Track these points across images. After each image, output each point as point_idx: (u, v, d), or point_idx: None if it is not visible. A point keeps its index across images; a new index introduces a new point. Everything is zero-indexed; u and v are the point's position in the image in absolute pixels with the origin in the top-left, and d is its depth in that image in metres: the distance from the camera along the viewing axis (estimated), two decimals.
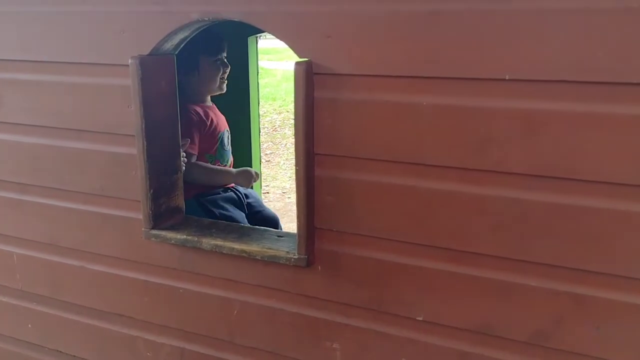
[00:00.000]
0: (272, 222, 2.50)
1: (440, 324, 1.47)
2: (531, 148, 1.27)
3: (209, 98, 2.38)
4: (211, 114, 2.31)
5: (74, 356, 2.09)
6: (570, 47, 1.19)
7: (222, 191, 2.36)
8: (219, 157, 2.36)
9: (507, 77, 1.26)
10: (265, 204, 2.64)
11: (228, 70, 2.36)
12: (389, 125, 1.39)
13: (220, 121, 2.38)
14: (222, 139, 2.36)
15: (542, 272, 1.33)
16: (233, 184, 2.42)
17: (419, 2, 1.30)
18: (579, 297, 1.31)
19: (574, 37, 1.19)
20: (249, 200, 2.48)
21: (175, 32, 1.59)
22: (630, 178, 1.21)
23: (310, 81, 1.43)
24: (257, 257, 1.60)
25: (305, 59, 1.43)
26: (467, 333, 1.45)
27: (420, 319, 1.49)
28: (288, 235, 1.71)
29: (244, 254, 1.61)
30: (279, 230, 2.54)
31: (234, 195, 2.40)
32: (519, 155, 1.28)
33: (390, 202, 1.44)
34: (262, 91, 3.41)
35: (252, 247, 1.61)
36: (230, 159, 2.46)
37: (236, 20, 1.50)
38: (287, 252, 1.57)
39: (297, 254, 1.54)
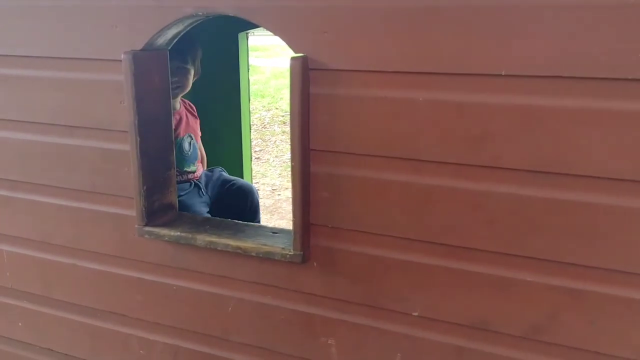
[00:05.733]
0: (247, 191, 2.52)
1: (436, 319, 1.47)
2: (527, 144, 1.27)
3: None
4: None
5: (66, 354, 2.07)
6: (566, 43, 1.20)
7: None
8: (178, 163, 2.33)
9: (503, 73, 1.26)
10: None
11: (177, 80, 2.21)
12: (385, 121, 1.39)
13: (180, 127, 2.34)
14: (180, 144, 2.33)
15: (537, 267, 1.33)
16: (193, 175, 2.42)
17: None
18: (574, 291, 1.32)
19: (569, 33, 1.19)
20: (221, 176, 2.50)
21: (168, 27, 1.57)
22: (625, 173, 1.22)
23: (306, 77, 1.43)
24: (252, 254, 1.59)
25: (301, 54, 1.42)
26: (462, 328, 1.45)
27: (416, 314, 1.49)
28: (283, 231, 1.70)
29: (238, 251, 1.60)
30: (265, 220, 2.57)
31: (188, 185, 2.40)
32: (515, 151, 1.29)
33: (386, 198, 1.44)
34: (251, 88, 3.40)
35: (247, 244, 1.60)
36: (196, 165, 2.44)
37: (231, 14, 1.49)
38: (283, 248, 1.56)
39: (293, 250, 1.54)
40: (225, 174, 2.63)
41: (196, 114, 2.54)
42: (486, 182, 1.34)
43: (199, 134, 2.52)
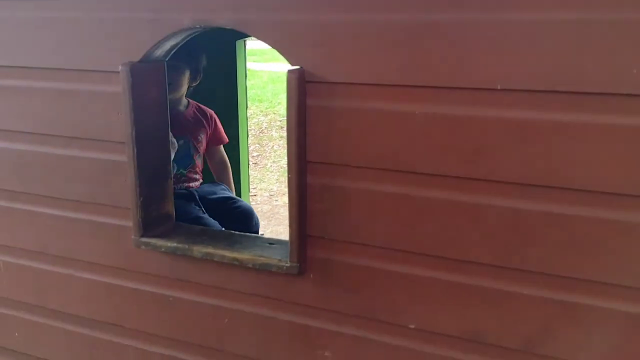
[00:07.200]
0: (247, 215, 2.49)
1: (432, 331, 1.48)
2: (523, 157, 1.28)
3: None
4: None
5: None
6: (561, 58, 1.21)
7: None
8: None
9: (498, 87, 1.27)
10: (252, 206, 2.64)
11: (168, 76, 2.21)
12: (381, 133, 1.40)
13: (174, 128, 2.30)
14: None
15: (533, 280, 1.34)
16: (187, 184, 2.40)
17: (412, 12, 1.30)
18: (569, 304, 1.32)
19: (564, 48, 1.20)
20: (219, 195, 2.48)
21: (166, 39, 1.58)
22: (620, 187, 1.23)
23: (302, 89, 1.43)
24: (248, 265, 1.59)
25: (298, 67, 1.43)
26: (458, 341, 1.46)
27: (413, 326, 1.49)
28: (280, 242, 1.71)
29: (235, 262, 1.61)
30: (258, 226, 2.55)
31: (184, 192, 2.38)
32: (511, 164, 1.30)
33: (382, 210, 1.45)
34: (249, 93, 3.40)
35: (244, 255, 1.60)
36: (187, 170, 2.42)
37: (228, 27, 1.49)
38: (279, 260, 1.57)
39: (289, 261, 1.54)
40: (228, 192, 2.60)
41: (207, 124, 2.51)
42: (482, 195, 1.35)
43: (202, 143, 2.49)
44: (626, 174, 1.22)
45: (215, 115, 2.58)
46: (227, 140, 2.67)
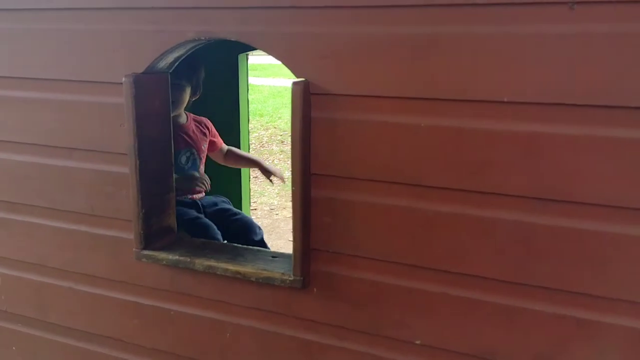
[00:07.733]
0: (247, 227, 2.46)
1: (439, 348, 1.45)
2: (530, 170, 1.27)
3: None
4: None
5: None
6: (568, 71, 1.20)
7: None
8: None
9: (505, 100, 1.26)
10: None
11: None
12: (386, 145, 1.39)
13: (181, 140, 2.31)
14: (178, 157, 2.30)
15: (544, 295, 1.31)
16: (191, 196, 2.40)
17: (417, 25, 1.30)
18: (581, 321, 1.30)
19: (571, 61, 1.19)
20: (220, 207, 2.46)
21: (170, 51, 1.57)
22: (629, 201, 1.21)
23: (307, 101, 1.42)
24: (251, 279, 1.57)
25: (302, 79, 1.42)
26: (467, 358, 1.43)
27: (418, 342, 1.47)
28: (282, 255, 1.69)
29: (238, 275, 1.58)
30: (260, 238, 2.52)
31: (188, 201, 2.37)
32: (519, 178, 1.28)
33: (388, 223, 1.43)
34: (250, 107, 3.41)
35: (247, 268, 1.58)
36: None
37: (232, 39, 1.49)
38: (282, 273, 1.55)
39: (293, 275, 1.52)
40: (228, 204, 2.59)
41: (207, 133, 2.52)
42: (490, 209, 1.33)
43: (205, 152, 2.50)
44: (635, 187, 1.20)
45: (210, 123, 2.59)
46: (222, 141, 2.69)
